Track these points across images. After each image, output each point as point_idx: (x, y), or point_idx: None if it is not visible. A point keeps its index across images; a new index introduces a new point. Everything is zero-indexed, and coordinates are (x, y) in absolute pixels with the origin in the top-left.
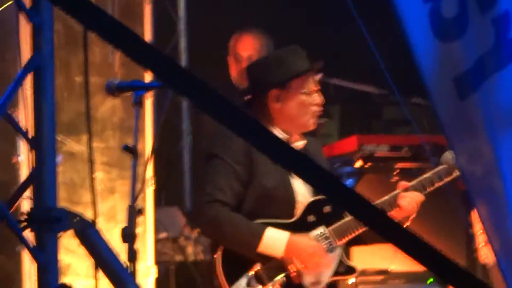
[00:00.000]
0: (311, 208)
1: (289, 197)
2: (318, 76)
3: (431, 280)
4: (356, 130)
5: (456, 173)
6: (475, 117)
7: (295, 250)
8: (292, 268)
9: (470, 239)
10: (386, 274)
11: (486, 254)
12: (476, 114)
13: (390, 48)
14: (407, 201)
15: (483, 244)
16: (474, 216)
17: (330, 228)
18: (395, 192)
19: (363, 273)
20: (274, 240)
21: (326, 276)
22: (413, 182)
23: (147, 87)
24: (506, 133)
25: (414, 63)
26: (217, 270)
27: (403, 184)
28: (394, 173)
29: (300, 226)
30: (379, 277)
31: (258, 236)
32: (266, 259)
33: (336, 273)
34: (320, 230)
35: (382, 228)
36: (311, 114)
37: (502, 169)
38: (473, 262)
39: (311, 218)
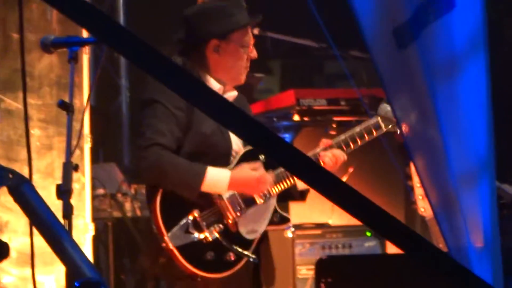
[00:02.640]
0: (246, 156)
1: (226, 145)
2: (255, 30)
3: (369, 233)
4: (297, 85)
5: (388, 127)
6: (413, 67)
7: (238, 184)
8: (229, 215)
9: (408, 191)
10: (324, 228)
11: (424, 207)
12: (415, 64)
13: (328, 0)
14: (329, 157)
15: (421, 196)
16: (412, 168)
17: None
18: (316, 150)
19: (301, 227)
20: (217, 177)
21: (262, 225)
22: (337, 138)
23: (82, 43)
24: (444, 83)
25: (352, 15)
26: (155, 217)
27: (326, 141)
28: (332, 126)
29: None
30: (317, 231)
31: (200, 175)
32: (204, 206)
33: (271, 223)
34: None
35: (317, 181)
36: (245, 68)
37: (440, 120)
38: (411, 215)
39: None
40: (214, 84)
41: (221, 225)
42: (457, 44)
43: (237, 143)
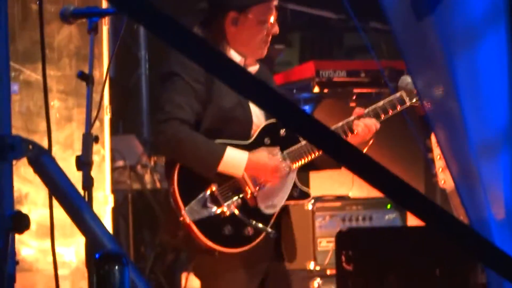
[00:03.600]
0: (267, 130)
1: (246, 118)
2: (276, 2)
3: (390, 206)
4: (317, 57)
5: (411, 101)
6: (432, 39)
7: (254, 168)
8: (247, 190)
9: (429, 163)
10: (345, 200)
11: (444, 179)
12: (433, 36)
13: None
14: (362, 127)
15: (442, 169)
16: (433, 140)
17: (285, 151)
18: (350, 118)
19: (321, 199)
20: (234, 159)
21: (281, 199)
22: (368, 109)
23: (102, 14)
24: (463, 55)
25: None
26: (173, 190)
27: (358, 110)
28: (352, 98)
29: (256, 148)
30: (337, 203)
31: (218, 155)
32: (222, 180)
33: (290, 197)
34: (278, 154)
35: (338, 153)
36: (264, 43)
37: (459, 92)
38: (432, 187)
39: (267, 140)
40: (234, 56)
41: (239, 200)
42: (476, 14)
43: (258, 117)
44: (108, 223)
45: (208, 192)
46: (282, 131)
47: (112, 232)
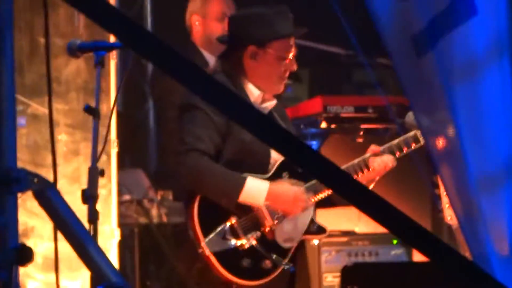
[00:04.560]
0: (285, 164)
1: (265, 152)
2: (294, 39)
3: (396, 241)
4: (326, 93)
5: (419, 142)
6: (432, 75)
7: (275, 198)
8: (266, 223)
9: (435, 199)
10: (351, 236)
11: (451, 215)
12: (433, 72)
13: (356, 7)
14: (378, 163)
15: (448, 205)
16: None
17: (304, 186)
18: (365, 155)
19: (328, 234)
20: (255, 189)
21: (299, 233)
22: (384, 147)
23: (108, 48)
24: (463, 91)
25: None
26: (192, 222)
27: (374, 148)
28: (359, 134)
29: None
30: (343, 239)
31: (239, 185)
32: (242, 213)
33: (308, 232)
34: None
35: (345, 190)
36: (282, 79)
37: (460, 127)
38: (438, 223)
39: (285, 175)
40: (253, 90)
41: (258, 233)
42: (478, 51)
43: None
44: (114, 257)
45: (228, 224)
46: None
47: (118, 266)
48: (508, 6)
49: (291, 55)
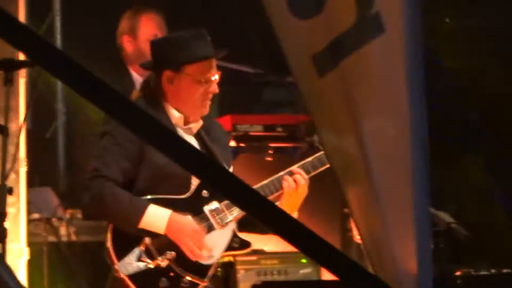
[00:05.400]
0: (205, 185)
1: (183, 174)
2: (215, 61)
3: (305, 260)
4: (236, 112)
5: None
6: (334, 95)
7: (175, 228)
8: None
9: (344, 218)
10: (260, 254)
11: None
12: (336, 91)
13: (265, 25)
14: (289, 182)
15: None
16: None
17: (223, 203)
18: (280, 174)
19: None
20: (156, 216)
21: (219, 249)
22: (298, 165)
23: (16, 65)
24: (369, 114)
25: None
26: (107, 243)
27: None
28: (268, 152)
29: (194, 201)
30: (252, 258)
31: (140, 212)
32: (156, 234)
33: (231, 248)
34: (214, 205)
35: (252, 207)
36: (201, 102)
37: (365, 145)
38: (347, 241)
39: (204, 193)
40: (174, 113)
41: (173, 252)
42: (385, 72)
43: None
44: (23, 275)
45: (143, 245)
46: None
47: (27, 284)
48: (416, 26)
49: (212, 77)
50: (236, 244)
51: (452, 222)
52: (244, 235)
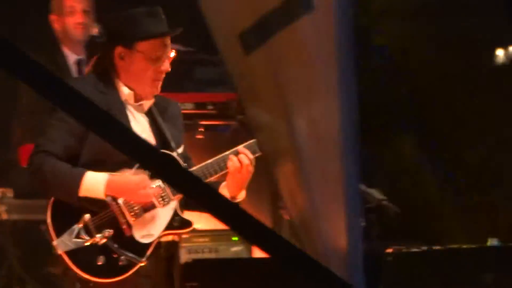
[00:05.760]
0: None
1: None
2: (168, 40)
3: (236, 238)
4: (167, 90)
5: None
6: (262, 73)
7: (116, 188)
8: (122, 219)
9: (276, 195)
10: (190, 233)
11: None
12: (264, 69)
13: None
14: (233, 162)
15: None
16: None
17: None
18: (226, 153)
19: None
20: (94, 182)
21: (158, 228)
22: (245, 144)
23: None
24: (295, 85)
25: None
26: (47, 221)
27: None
28: (199, 130)
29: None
30: (183, 236)
31: (78, 179)
32: (98, 211)
33: (171, 227)
34: (157, 182)
35: (181, 185)
36: (154, 81)
37: (293, 123)
38: (278, 219)
39: (147, 171)
40: (124, 89)
41: (112, 230)
42: (315, 49)
43: None
44: None
45: (82, 223)
46: None
47: None
48: (346, 3)
49: (163, 55)
50: (177, 223)
51: (383, 199)
52: (187, 214)
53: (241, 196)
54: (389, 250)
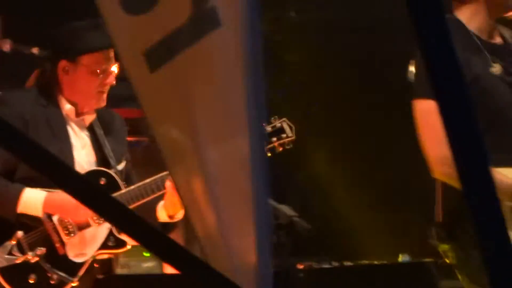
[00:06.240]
0: (89, 177)
1: None
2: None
3: (147, 254)
4: None
5: None
6: (167, 90)
7: (54, 206)
8: (55, 238)
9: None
10: None
11: None
12: (170, 86)
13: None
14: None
15: None
16: None
17: None
18: (163, 173)
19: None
20: (33, 199)
21: (92, 248)
22: None
23: None
24: (204, 104)
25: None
26: None
27: None
28: None
29: None
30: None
31: (15, 196)
32: (32, 227)
33: (106, 247)
34: None
35: (92, 201)
36: (96, 94)
37: (200, 142)
38: (191, 235)
39: None
40: (65, 105)
41: (45, 248)
42: (222, 66)
43: (90, 164)
44: None
45: (14, 240)
46: (103, 180)
47: None
48: (255, 19)
49: (107, 68)
50: (112, 243)
51: (294, 216)
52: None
53: (179, 215)
54: (300, 266)
